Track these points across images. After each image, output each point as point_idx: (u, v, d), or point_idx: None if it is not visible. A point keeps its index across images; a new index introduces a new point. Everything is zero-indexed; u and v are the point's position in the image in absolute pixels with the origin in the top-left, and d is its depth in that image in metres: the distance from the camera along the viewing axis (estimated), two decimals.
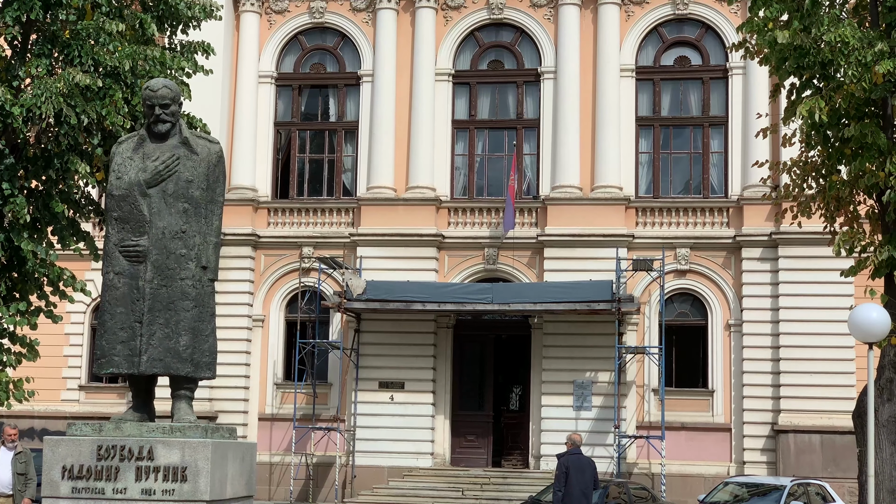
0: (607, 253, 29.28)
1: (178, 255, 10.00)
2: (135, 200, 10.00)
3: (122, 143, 10.38)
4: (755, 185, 28.50)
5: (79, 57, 18.03)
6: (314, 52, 32.88)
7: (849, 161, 16.41)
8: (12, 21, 17.92)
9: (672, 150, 31.26)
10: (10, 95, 17.55)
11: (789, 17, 16.36)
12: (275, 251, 31.70)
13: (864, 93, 15.72)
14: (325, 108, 33.21)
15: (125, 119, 18.10)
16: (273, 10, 32.68)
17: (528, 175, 31.65)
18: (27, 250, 18.37)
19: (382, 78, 31.55)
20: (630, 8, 31.13)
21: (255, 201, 31.71)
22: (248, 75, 32.22)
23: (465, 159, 31.94)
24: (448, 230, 30.95)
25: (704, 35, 31.16)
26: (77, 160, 18.28)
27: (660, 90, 31.24)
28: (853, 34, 15.63)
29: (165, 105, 10.20)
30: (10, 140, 18.32)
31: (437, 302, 29.22)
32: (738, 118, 30.25)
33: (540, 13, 31.50)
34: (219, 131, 30.20)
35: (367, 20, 32.21)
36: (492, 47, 32.12)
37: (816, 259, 27.76)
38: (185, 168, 10.10)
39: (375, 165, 31.34)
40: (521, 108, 31.74)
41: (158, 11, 19.34)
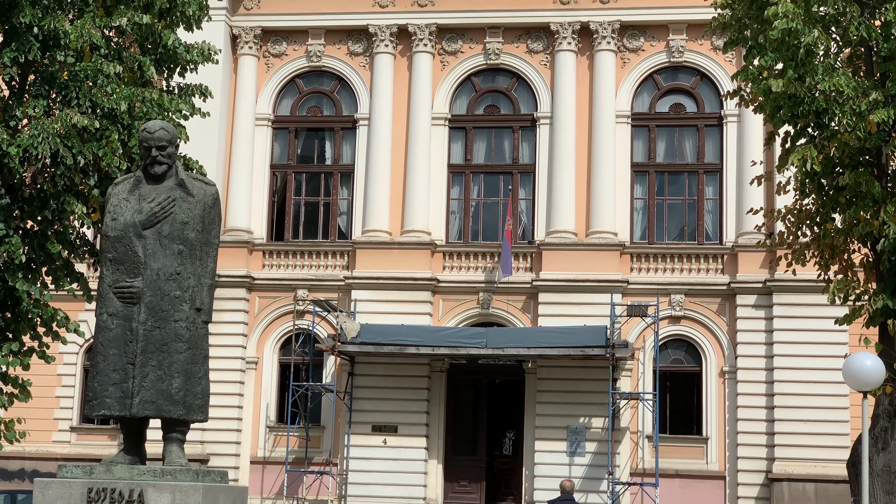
0: (602, 298, 29.28)
1: (173, 296, 9.98)
2: (130, 242, 10.00)
3: (119, 185, 10.39)
4: (750, 233, 28.58)
5: (76, 98, 18.07)
6: (311, 96, 33.03)
7: (843, 209, 16.47)
8: (10, 61, 17.99)
9: (667, 197, 31.34)
10: (6, 135, 17.57)
11: (784, 66, 16.48)
12: (269, 293, 31.67)
13: (859, 142, 15.80)
14: (321, 151, 33.31)
15: (122, 160, 18.11)
16: (271, 54, 32.85)
17: (524, 220, 31.70)
18: (22, 291, 18.32)
19: (379, 122, 31.68)
20: (626, 55, 31.33)
21: (250, 243, 31.72)
22: (245, 118, 32.33)
23: (460, 203, 32.00)
24: (443, 274, 30.96)
25: (699, 83, 31.34)
26: (73, 201, 18.27)
27: (655, 137, 31.38)
28: (848, 83, 15.74)
29: (162, 147, 10.22)
30: (6, 180, 18.33)
31: (432, 346, 29.16)
32: (732, 165, 30.36)
33: (536, 59, 31.69)
34: (215, 173, 30.24)
35: (365, 64, 32.38)
36: (488, 92, 32.28)
37: (811, 307, 27.73)
38: (181, 210, 10.10)
39: (371, 209, 31.39)
40: (517, 154, 31.85)
41: (157, 54, 19.41)
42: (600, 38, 31.00)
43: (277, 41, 32.81)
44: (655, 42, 31.29)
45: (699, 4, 21.93)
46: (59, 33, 17.88)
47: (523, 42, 31.81)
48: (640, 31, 31.31)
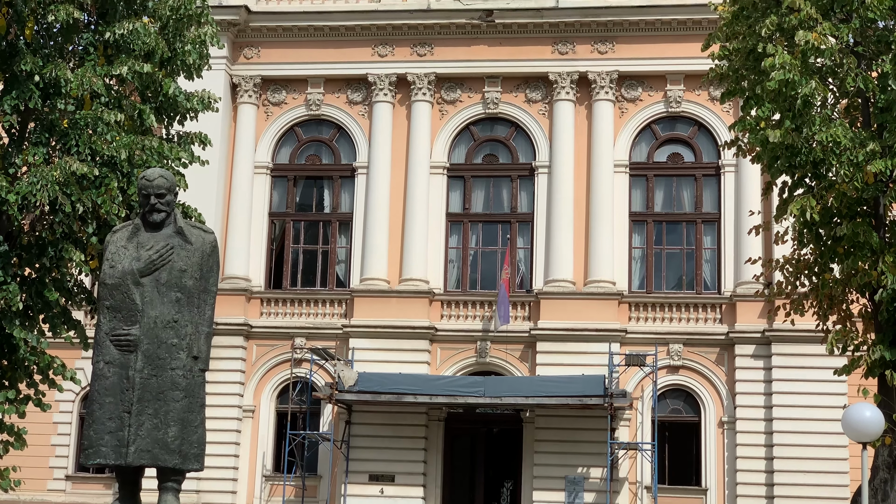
0: (600, 348, 29.22)
1: (170, 344, 9.95)
2: (127, 289, 9.99)
3: (117, 232, 10.39)
4: (748, 282, 28.59)
5: (76, 146, 18.11)
6: (310, 144, 33.12)
7: (841, 260, 16.49)
8: (10, 109, 18.05)
9: (665, 246, 31.36)
10: (5, 183, 17.59)
11: (781, 117, 16.56)
12: (267, 341, 31.58)
13: (856, 192, 15.86)
14: (319, 199, 33.36)
15: (120, 208, 18.12)
16: (270, 102, 32.99)
17: (522, 269, 31.70)
18: (19, 338, 18.26)
19: (377, 170, 31.75)
20: (624, 105, 31.47)
21: (248, 291, 31.68)
22: (244, 166, 32.41)
23: (458, 252, 32.00)
24: (441, 323, 30.90)
25: (697, 133, 31.47)
26: (71, 248, 18.26)
27: (653, 186, 31.45)
28: (845, 134, 15.82)
29: (161, 195, 10.23)
30: (5, 228, 18.32)
31: (429, 395, 29.05)
32: (730, 215, 30.41)
33: (535, 108, 31.83)
34: (214, 221, 30.28)
35: (364, 113, 32.51)
36: (487, 141, 32.39)
37: (810, 357, 27.69)
38: (179, 257, 10.10)
39: (369, 257, 31.39)
40: (516, 203, 31.90)
41: (157, 102, 19.48)
42: (598, 88, 31.16)
43: (277, 90, 32.96)
44: (653, 92, 31.45)
45: (697, 55, 22.02)
46: (60, 81, 17.95)
47: (522, 91, 31.97)
48: (638, 82, 31.47)
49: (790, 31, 16.28)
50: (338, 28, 32.39)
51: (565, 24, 31.45)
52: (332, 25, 32.37)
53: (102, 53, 18.93)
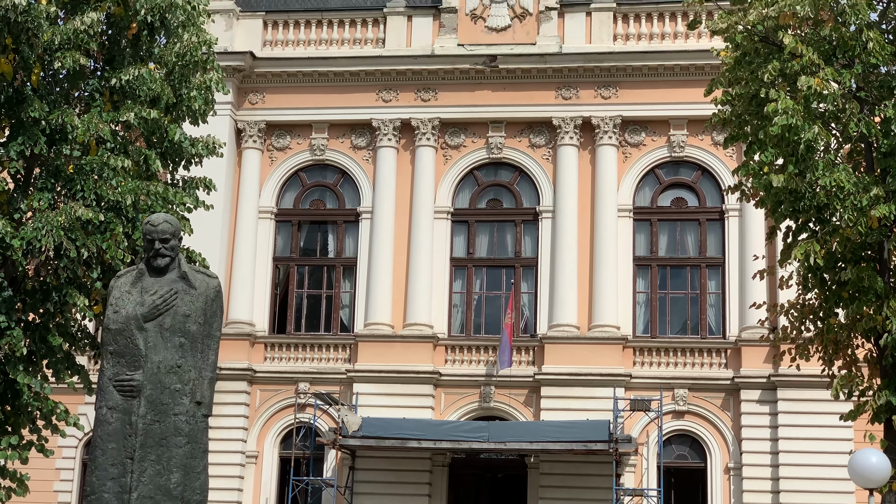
0: (605, 392, 29.11)
1: (173, 390, 9.93)
2: (131, 334, 9.99)
3: (121, 277, 10.40)
4: (753, 327, 28.53)
5: (81, 191, 18.17)
6: (314, 189, 33.19)
7: (846, 304, 16.47)
8: (16, 155, 18.11)
9: (669, 291, 31.31)
10: (10, 228, 17.63)
11: (784, 162, 16.59)
12: (270, 386, 31.50)
13: (860, 237, 15.85)
14: (324, 244, 33.39)
15: (125, 253, 18.15)
16: (274, 147, 33.10)
17: (526, 313, 31.66)
18: (22, 384, 18.22)
19: (381, 215, 31.80)
20: (627, 150, 31.55)
21: (252, 336, 31.64)
22: (248, 210, 32.47)
23: (462, 297, 31.98)
24: (445, 367, 30.83)
25: (700, 177, 31.51)
26: (75, 293, 18.26)
27: (657, 231, 31.46)
28: (848, 179, 15.84)
29: (165, 240, 10.26)
30: (9, 273, 18.33)
31: (433, 440, 28.92)
32: (734, 259, 30.39)
33: (539, 153, 31.91)
34: (218, 265, 30.30)
35: (368, 158, 32.61)
36: (491, 186, 32.45)
37: (815, 402, 27.56)
38: (183, 302, 10.11)
39: (373, 302, 31.37)
40: (520, 247, 31.92)
41: (162, 148, 19.56)
42: (602, 133, 31.26)
43: (281, 135, 33.08)
44: (657, 137, 31.54)
45: (699, 100, 22.11)
46: (66, 127, 18.03)
47: (525, 136, 32.08)
48: (642, 127, 31.57)
49: (792, 76, 16.36)
50: (342, 73, 32.57)
51: (569, 69, 31.60)
52: (337, 71, 32.55)
53: (109, 99, 19.04)
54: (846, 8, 16.28)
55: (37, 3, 17.73)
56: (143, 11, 18.60)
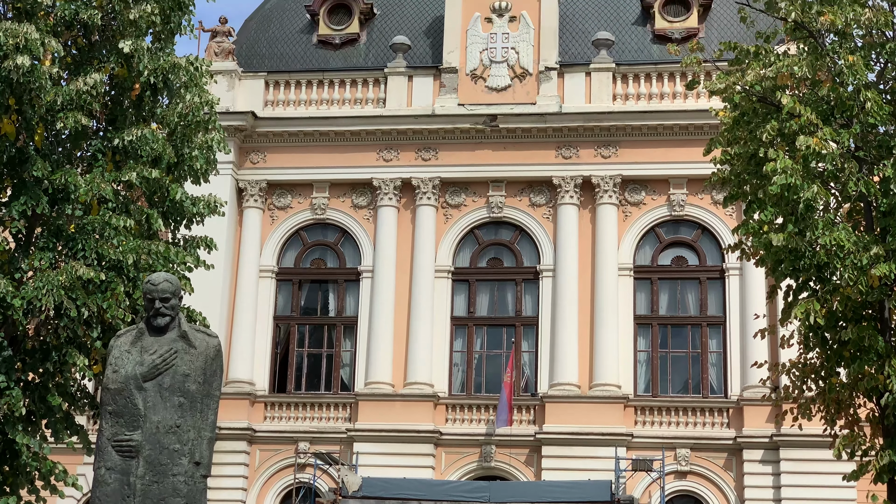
0: (606, 452, 28.94)
1: (172, 450, 9.89)
2: (130, 394, 9.96)
3: (121, 337, 10.40)
4: (755, 386, 28.40)
5: (82, 250, 18.19)
6: (315, 248, 33.25)
7: (848, 364, 16.42)
8: (18, 215, 18.16)
9: (670, 350, 31.25)
10: (11, 287, 17.62)
11: (784, 221, 16.61)
12: (270, 446, 31.34)
13: (861, 296, 15.84)
14: (324, 302, 33.39)
15: (126, 312, 18.13)
16: (276, 206, 33.20)
17: (527, 372, 31.58)
18: (21, 444, 18.13)
19: (382, 274, 31.82)
20: (628, 209, 31.64)
21: (252, 395, 31.53)
22: (249, 269, 32.50)
23: (463, 356, 31.92)
24: (445, 427, 30.70)
25: (701, 236, 31.58)
26: (75, 353, 18.22)
27: (657, 289, 31.46)
28: (848, 238, 15.86)
29: (166, 299, 10.26)
30: (10, 332, 18.30)
31: (434, 500, 28.60)
32: (735, 318, 30.36)
33: (539, 212, 32.00)
34: (218, 324, 30.26)
35: (368, 217, 32.69)
36: (491, 245, 32.51)
37: (818, 462, 27.41)
38: (183, 362, 10.10)
39: (374, 361, 31.30)
40: (520, 306, 31.90)
41: (164, 207, 19.61)
42: (602, 192, 31.36)
43: (282, 194, 33.19)
44: (656, 196, 31.64)
45: (699, 160, 22.22)
46: (69, 187, 18.09)
47: (526, 195, 32.18)
48: (642, 186, 31.69)
49: (791, 136, 16.43)
50: (343, 133, 32.75)
51: (568, 128, 31.78)
52: (338, 130, 32.74)
53: (111, 159, 19.12)
54: (843, 68, 16.39)
55: (40, 64, 17.86)
56: (146, 73, 18.74)
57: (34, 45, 17.44)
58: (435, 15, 34.41)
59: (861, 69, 16.34)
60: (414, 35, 34.22)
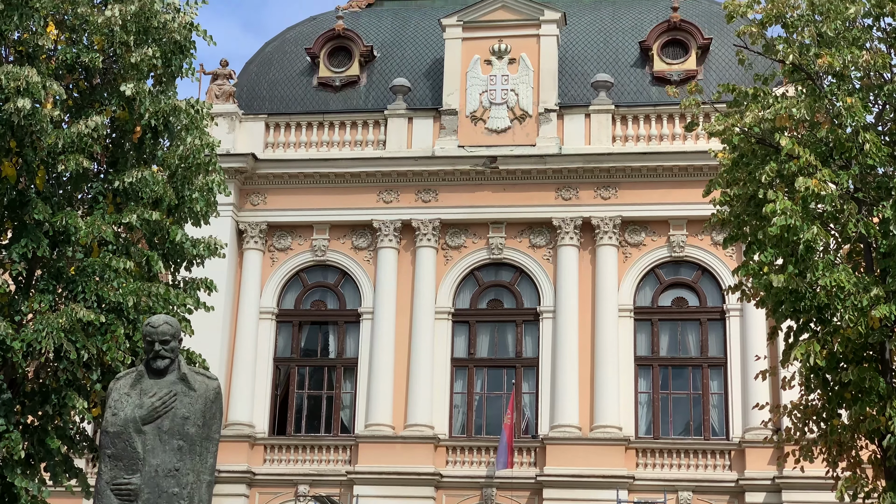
0: (608, 495, 28.78)
1: (171, 493, 9.84)
2: (129, 437, 9.93)
3: (120, 379, 10.38)
4: (756, 428, 28.27)
5: (82, 293, 18.18)
6: (315, 289, 33.24)
7: (849, 405, 16.38)
8: (19, 257, 18.16)
9: (671, 391, 31.16)
10: (11, 330, 17.60)
11: (784, 262, 16.62)
12: (270, 489, 31.17)
13: (861, 337, 15.82)
14: (324, 344, 33.33)
15: (126, 355, 18.10)
16: (276, 248, 33.21)
17: (527, 414, 31.47)
18: (20, 487, 18.04)
19: (382, 315, 31.78)
20: (627, 250, 31.65)
21: (251, 437, 31.40)
22: (249, 311, 32.46)
23: (463, 397, 31.83)
24: (446, 469, 30.55)
25: (701, 277, 31.56)
26: (74, 395, 18.17)
27: (658, 330, 31.41)
28: (848, 279, 15.85)
29: (165, 341, 10.26)
30: (9, 375, 18.26)
31: None
32: (736, 359, 30.29)
33: (539, 254, 32.01)
34: (218, 366, 30.19)
35: (369, 258, 32.70)
36: (491, 286, 32.49)
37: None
38: (182, 404, 10.07)
39: (374, 403, 31.20)
40: (521, 347, 31.85)
41: (164, 249, 19.63)
42: (602, 233, 31.39)
43: (283, 236, 33.21)
44: (656, 237, 31.66)
45: (698, 201, 22.27)
46: (69, 229, 18.11)
47: (526, 237, 32.20)
48: (641, 227, 31.71)
49: (790, 177, 16.47)
50: (343, 175, 32.83)
51: (568, 170, 31.85)
52: (338, 172, 32.83)
53: (112, 201, 19.15)
54: (842, 110, 16.45)
55: (42, 107, 17.93)
56: (147, 115, 18.80)
57: (35, 88, 17.51)
58: (435, 57, 34.58)
59: (859, 111, 16.39)
60: (414, 77, 34.38)
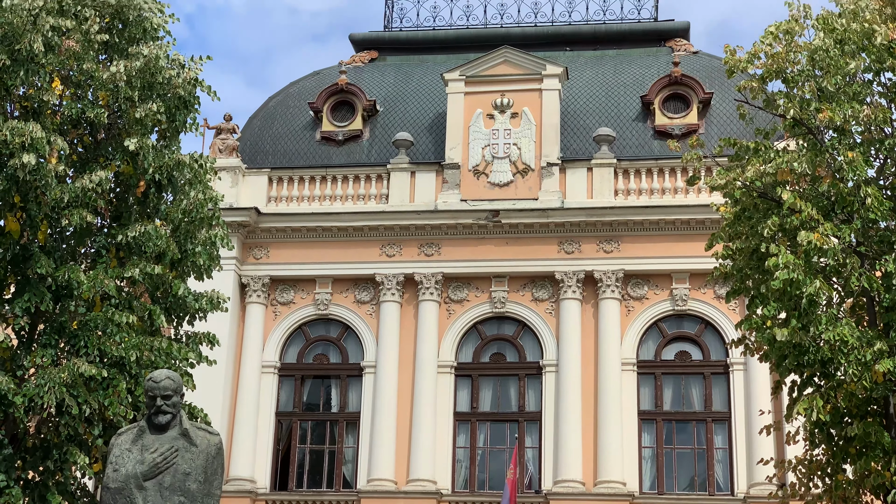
0: None
1: None
2: (130, 493, 9.89)
3: (122, 435, 10.36)
4: (761, 483, 28.09)
5: (85, 347, 18.17)
6: (318, 343, 33.18)
7: (854, 460, 16.31)
8: (21, 312, 18.16)
9: (675, 446, 30.98)
10: (13, 385, 17.57)
11: (787, 316, 16.61)
12: None
13: (865, 392, 15.78)
14: (327, 398, 33.21)
15: (127, 409, 18.06)
16: (278, 302, 33.20)
17: (530, 468, 31.28)
18: None
19: (385, 369, 31.71)
20: (630, 303, 31.63)
21: (253, 493, 31.20)
22: (251, 365, 32.39)
23: (466, 452, 31.66)
24: None
25: (704, 331, 31.50)
26: (76, 451, 18.10)
27: (661, 384, 31.31)
28: (852, 333, 15.84)
29: (167, 396, 10.25)
30: (10, 430, 18.21)
31: None
32: (741, 414, 30.15)
33: (542, 307, 31.98)
34: (220, 420, 30.08)
35: (371, 312, 32.67)
36: (494, 340, 32.43)
37: None
38: (184, 460, 10.04)
39: (376, 457, 31.04)
40: (523, 401, 31.73)
41: (167, 303, 19.65)
42: (605, 287, 31.38)
43: (285, 289, 33.21)
44: (659, 290, 31.64)
45: (701, 254, 22.30)
46: (72, 284, 18.12)
47: (528, 290, 32.19)
48: (644, 280, 31.71)
49: (792, 231, 16.51)
50: (346, 228, 32.89)
51: (570, 223, 31.91)
52: (341, 226, 32.88)
53: (115, 255, 19.19)
54: (843, 164, 16.52)
55: (46, 161, 18.01)
56: (151, 170, 18.90)
57: (40, 143, 17.61)
58: (437, 111, 34.78)
59: (861, 165, 16.47)
60: (416, 131, 34.56)
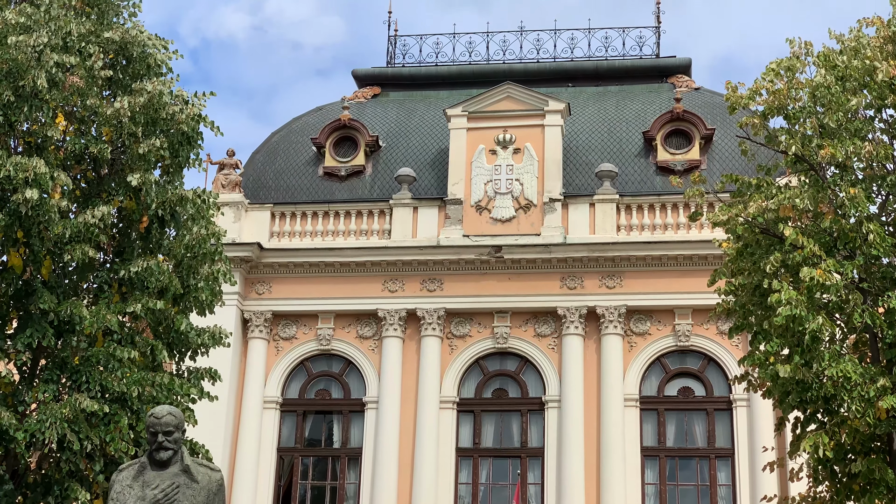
0: None
1: None
2: None
3: (123, 471, 10.32)
4: None
5: (86, 383, 18.13)
6: (320, 378, 33.13)
7: (857, 497, 16.23)
8: (23, 347, 18.14)
9: (679, 482, 30.84)
10: (14, 420, 17.52)
11: (790, 352, 16.59)
12: None
13: (869, 428, 15.72)
14: (328, 434, 33.11)
15: (129, 445, 18.00)
16: (280, 337, 33.17)
17: None
18: None
19: (387, 405, 31.63)
20: (633, 339, 31.58)
21: None
22: (253, 400, 32.31)
23: (468, 488, 31.52)
24: None
25: (707, 366, 31.43)
26: (77, 487, 18.03)
27: (664, 420, 31.21)
28: (855, 369, 15.81)
29: (169, 432, 10.23)
30: (11, 466, 18.15)
31: None
32: (744, 450, 30.04)
33: (544, 343, 31.94)
34: (221, 456, 29.98)
35: (374, 348, 32.64)
36: (496, 375, 32.37)
37: None
38: (185, 496, 10.01)
39: (378, 493, 30.90)
40: (526, 437, 31.63)
41: (169, 338, 19.63)
42: (607, 323, 31.35)
43: (287, 325, 33.19)
44: (662, 326, 31.61)
45: (703, 290, 22.29)
46: (74, 319, 18.10)
47: (531, 326, 32.15)
48: (647, 316, 31.68)
49: (794, 267, 16.51)
50: (348, 264, 32.90)
51: (573, 259, 31.92)
52: (343, 261, 32.89)
53: (117, 291, 19.18)
54: (845, 201, 16.55)
55: (49, 197, 18.04)
56: (154, 205, 18.92)
57: (43, 178, 17.64)
58: (440, 147, 34.88)
59: (863, 201, 16.49)
60: (419, 167, 34.65)
